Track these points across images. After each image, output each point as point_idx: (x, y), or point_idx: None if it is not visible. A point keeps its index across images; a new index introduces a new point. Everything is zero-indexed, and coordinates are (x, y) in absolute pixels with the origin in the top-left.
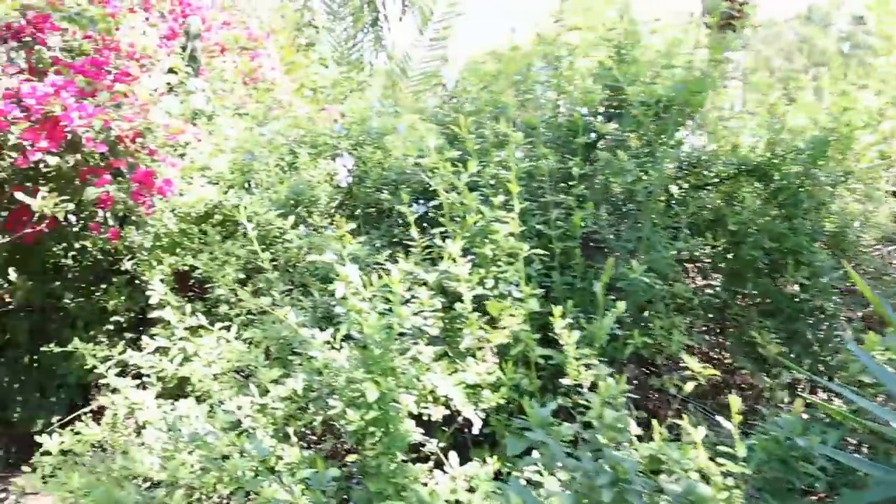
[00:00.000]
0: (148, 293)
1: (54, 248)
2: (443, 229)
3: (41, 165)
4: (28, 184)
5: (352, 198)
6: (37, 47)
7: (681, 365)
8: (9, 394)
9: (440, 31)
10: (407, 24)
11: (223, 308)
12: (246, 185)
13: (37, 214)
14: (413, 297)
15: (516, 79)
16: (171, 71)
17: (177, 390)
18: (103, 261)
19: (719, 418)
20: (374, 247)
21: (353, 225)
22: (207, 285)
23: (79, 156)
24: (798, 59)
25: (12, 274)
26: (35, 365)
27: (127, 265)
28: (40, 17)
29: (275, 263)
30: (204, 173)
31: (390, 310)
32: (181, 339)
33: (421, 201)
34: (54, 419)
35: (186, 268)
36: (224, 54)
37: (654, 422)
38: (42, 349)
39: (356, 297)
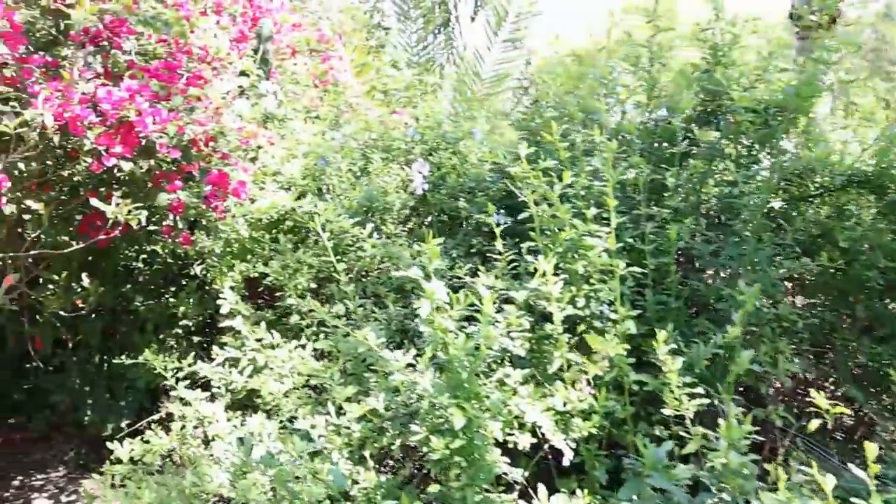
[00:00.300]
0: (219, 302)
1: (126, 252)
2: (532, 244)
3: (115, 170)
4: (102, 188)
5: (425, 205)
6: (113, 51)
7: (783, 393)
8: (81, 396)
9: (515, 32)
10: (479, 25)
11: (294, 318)
12: (318, 191)
13: (111, 220)
14: (501, 316)
15: (603, 81)
16: (242, 74)
17: (246, 401)
18: (173, 264)
19: (851, 466)
20: (450, 257)
21: (436, 239)
22: (278, 293)
23: (152, 161)
24: (878, 58)
25: (86, 279)
26: (105, 367)
27: (196, 270)
28: (117, 21)
29: (349, 274)
30: (275, 178)
31: (476, 329)
32: (251, 349)
33: (502, 211)
34: (123, 423)
35: (256, 275)
36: (295, 57)
37: (780, 470)
38: (112, 353)
39: (442, 316)
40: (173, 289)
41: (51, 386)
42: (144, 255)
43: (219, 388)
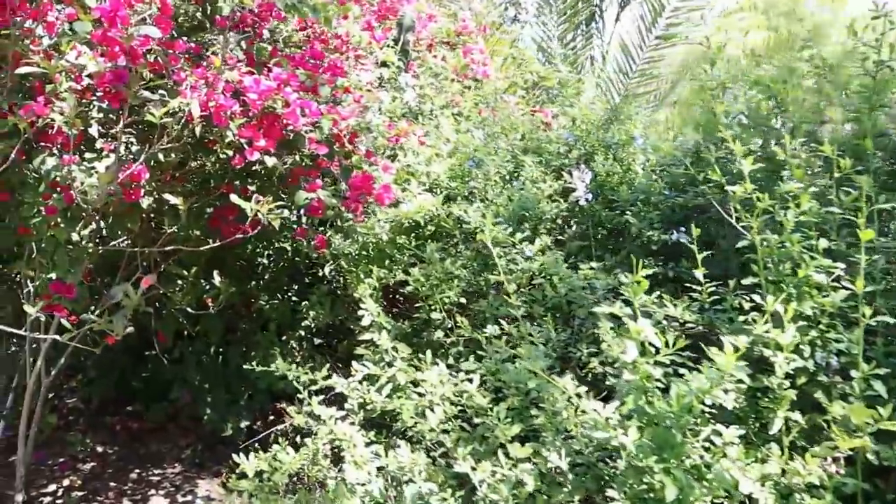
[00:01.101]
0: (360, 313)
1: (252, 247)
2: (755, 280)
3: (255, 165)
4: (235, 182)
5: (581, 215)
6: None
7: None
8: (199, 391)
9: (670, 27)
10: (627, 19)
11: (437, 334)
12: (466, 196)
13: (249, 218)
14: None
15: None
16: (382, 64)
17: (378, 419)
18: (300, 262)
19: None
20: (613, 276)
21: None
22: (418, 304)
23: (296, 156)
24: None
25: (216, 277)
26: (223, 363)
27: (325, 271)
28: (265, 6)
29: (500, 290)
30: (418, 178)
31: (673, 374)
32: (395, 368)
33: (682, 229)
34: (243, 424)
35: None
36: (432, 49)
37: None
38: (231, 349)
39: (646, 361)
40: (296, 286)
41: (169, 375)
42: (269, 252)
43: (351, 406)
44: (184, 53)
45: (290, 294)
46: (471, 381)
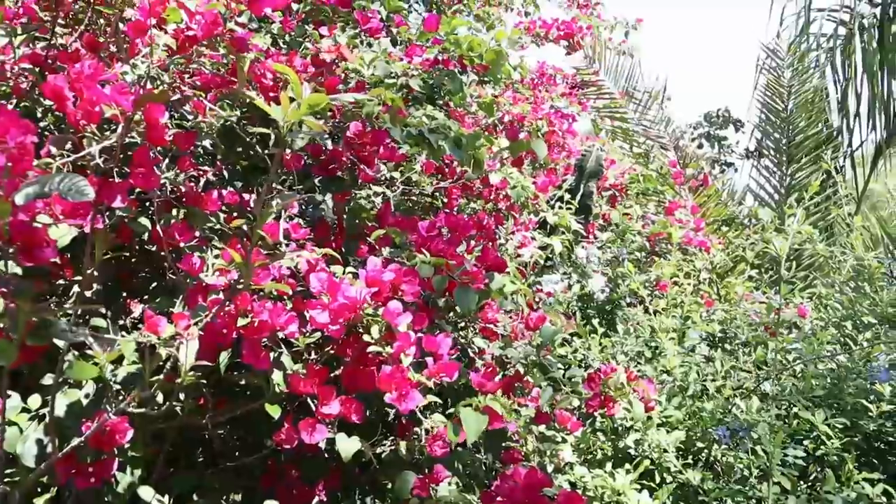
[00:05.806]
0: None
1: None
2: None
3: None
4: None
5: None
6: (357, 193)
7: None
8: None
9: None
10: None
11: None
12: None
13: None
14: None
15: None
16: (550, 232)
17: None
18: None
19: None
20: None
21: None
22: None
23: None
24: None
25: None
26: None
27: None
28: (370, 136)
29: None
30: (621, 446)
31: None
32: None
33: None
34: None
35: None
36: (615, 203)
37: None
38: None
39: None
40: None
41: None
42: None
43: None
44: (215, 216)
45: None
46: None
